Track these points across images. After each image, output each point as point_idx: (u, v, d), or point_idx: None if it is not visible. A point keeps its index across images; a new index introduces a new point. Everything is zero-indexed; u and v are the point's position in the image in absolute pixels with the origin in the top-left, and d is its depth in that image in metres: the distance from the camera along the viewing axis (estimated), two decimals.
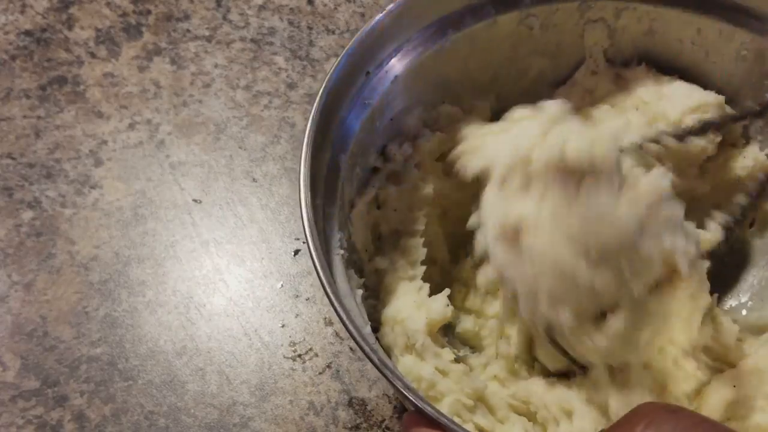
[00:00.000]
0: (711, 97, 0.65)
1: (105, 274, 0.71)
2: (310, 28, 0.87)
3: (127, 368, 0.67)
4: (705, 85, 0.66)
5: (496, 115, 0.68)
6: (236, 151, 0.79)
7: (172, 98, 0.81)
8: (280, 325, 0.70)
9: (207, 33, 0.85)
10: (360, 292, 0.55)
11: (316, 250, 0.49)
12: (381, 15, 0.58)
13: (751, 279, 0.67)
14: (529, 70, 0.67)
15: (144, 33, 0.85)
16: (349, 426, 0.65)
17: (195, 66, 0.83)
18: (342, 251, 0.54)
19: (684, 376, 0.57)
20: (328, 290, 0.47)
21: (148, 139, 0.79)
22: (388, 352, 0.56)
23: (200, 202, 0.76)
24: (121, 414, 0.65)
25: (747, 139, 0.67)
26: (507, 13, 0.62)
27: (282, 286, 0.72)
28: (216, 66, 0.83)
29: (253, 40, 0.85)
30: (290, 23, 0.87)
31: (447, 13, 0.61)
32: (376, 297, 0.59)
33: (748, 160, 0.65)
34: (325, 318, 0.70)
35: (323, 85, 0.55)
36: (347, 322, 0.46)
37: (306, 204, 0.50)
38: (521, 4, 0.63)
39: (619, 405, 0.54)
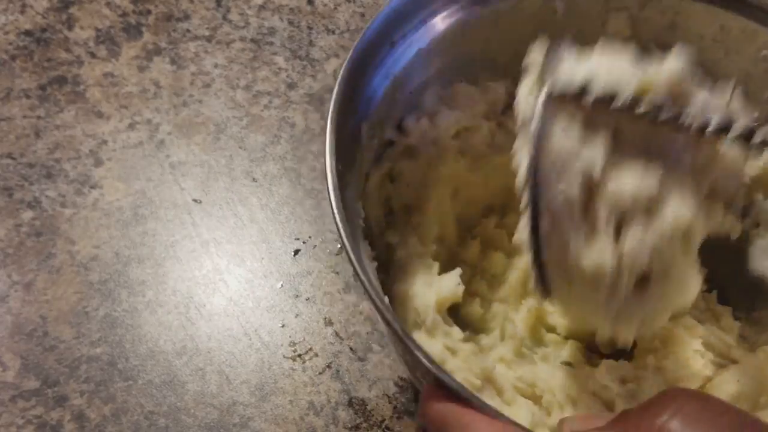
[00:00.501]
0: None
1: (105, 274, 0.71)
2: (310, 28, 0.87)
3: (127, 368, 0.67)
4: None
5: (513, 98, 0.68)
6: (236, 151, 0.79)
7: (172, 98, 0.81)
8: (280, 325, 0.70)
9: (207, 33, 0.85)
10: (374, 264, 0.54)
11: (341, 217, 0.47)
12: None
13: (753, 277, 0.67)
14: None
15: (144, 33, 0.85)
16: (349, 426, 0.65)
17: (195, 66, 0.83)
18: (360, 220, 0.53)
19: (691, 375, 0.57)
20: (353, 257, 0.46)
21: (148, 139, 0.79)
22: None
23: (200, 202, 0.76)
24: (121, 414, 0.65)
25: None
26: None
27: (282, 286, 0.72)
28: (216, 66, 0.83)
29: (253, 40, 0.85)
30: (290, 23, 0.87)
31: None
32: (385, 272, 0.58)
33: (759, 160, 0.65)
34: (325, 318, 0.70)
35: (350, 52, 0.54)
36: (371, 290, 0.45)
37: (331, 171, 0.49)
38: None
39: (625, 405, 0.54)
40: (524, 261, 0.64)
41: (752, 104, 0.65)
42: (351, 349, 0.69)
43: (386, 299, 0.51)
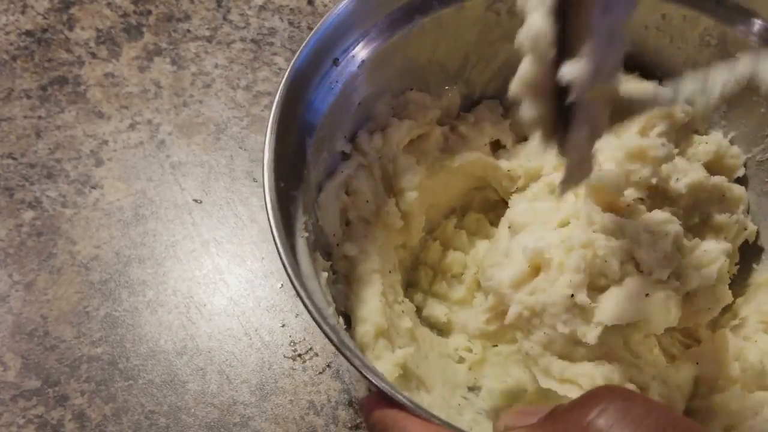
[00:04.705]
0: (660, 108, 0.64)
1: (105, 273, 0.71)
2: (310, 28, 0.87)
3: (128, 368, 0.67)
4: (670, 71, 0.66)
5: (465, 101, 0.68)
6: (236, 151, 0.79)
7: (172, 98, 0.81)
8: (281, 325, 0.70)
9: (207, 33, 0.85)
10: (325, 274, 0.54)
11: (278, 231, 0.49)
12: (347, 0, 0.57)
13: None
14: (497, 56, 0.67)
15: (144, 33, 0.85)
16: (349, 425, 0.65)
17: (195, 66, 0.83)
18: (306, 234, 0.54)
19: (653, 360, 0.58)
20: (289, 270, 0.47)
21: (148, 139, 0.79)
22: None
23: (200, 202, 0.76)
24: (122, 413, 0.65)
25: (709, 124, 0.67)
26: None
27: (282, 286, 0.72)
28: (216, 66, 0.83)
29: (253, 41, 0.85)
30: (290, 23, 0.87)
31: None
32: (345, 282, 0.59)
33: (711, 145, 0.66)
34: None
35: (289, 69, 0.54)
36: (306, 299, 0.46)
37: (270, 188, 0.50)
38: None
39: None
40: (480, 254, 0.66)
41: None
42: None
43: (331, 309, 0.52)
